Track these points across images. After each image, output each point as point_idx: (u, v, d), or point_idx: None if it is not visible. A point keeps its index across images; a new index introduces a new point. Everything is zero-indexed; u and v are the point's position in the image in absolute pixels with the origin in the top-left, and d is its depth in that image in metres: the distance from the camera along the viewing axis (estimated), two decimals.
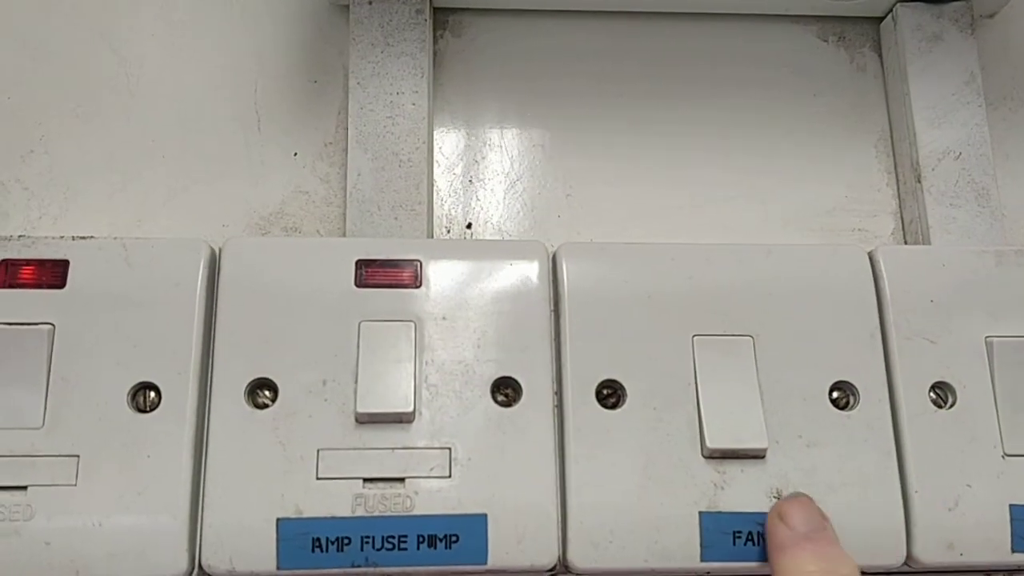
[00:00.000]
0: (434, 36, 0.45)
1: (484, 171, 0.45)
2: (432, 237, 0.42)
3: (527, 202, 0.44)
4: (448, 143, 0.45)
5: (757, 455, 0.35)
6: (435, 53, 0.45)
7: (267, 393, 0.35)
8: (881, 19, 0.47)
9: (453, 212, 0.44)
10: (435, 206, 0.44)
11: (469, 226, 0.44)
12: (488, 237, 0.44)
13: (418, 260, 0.37)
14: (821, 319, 0.37)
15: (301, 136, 0.44)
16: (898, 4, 0.46)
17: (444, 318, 0.36)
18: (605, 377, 0.36)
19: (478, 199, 0.44)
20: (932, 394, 0.37)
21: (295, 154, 0.44)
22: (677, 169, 0.45)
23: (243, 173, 0.43)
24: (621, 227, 0.44)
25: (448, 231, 0.44)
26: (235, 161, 0.43)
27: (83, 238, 0.36)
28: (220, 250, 0.37)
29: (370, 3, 0.43)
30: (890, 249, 0.39)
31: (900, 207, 0.45)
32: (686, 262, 0.38)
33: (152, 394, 0.35)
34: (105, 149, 0.43)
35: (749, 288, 0.37)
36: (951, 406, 0.37)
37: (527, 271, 0.37)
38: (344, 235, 0.42)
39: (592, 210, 0.44)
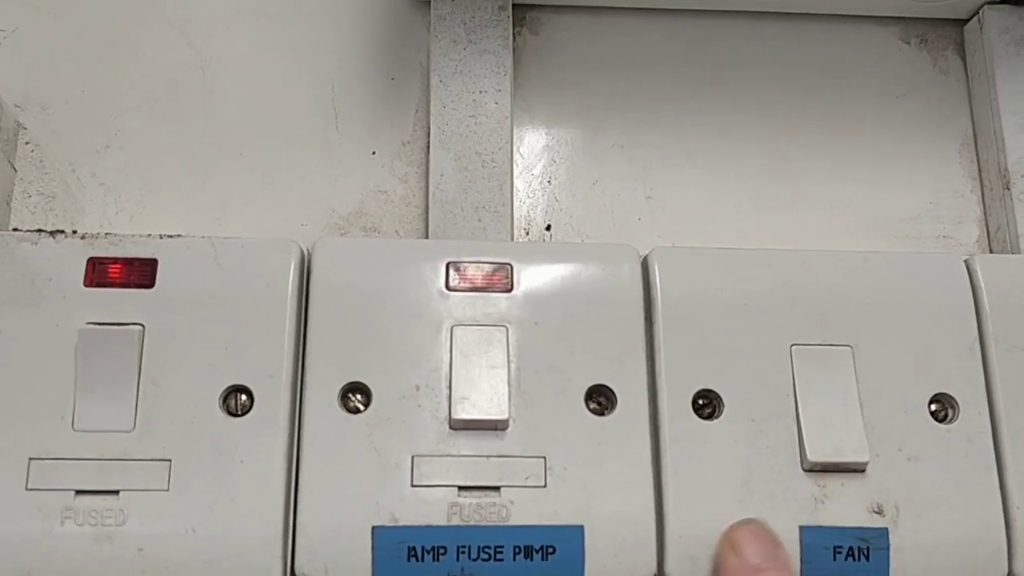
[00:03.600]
0: (512, 33, 0.44)
1: (563, 172, 0.44)
2: (513, 239, 0.42)
3: (607, 204, 0.44)
4: (527, 143, 0.44)
5: (858, 468, 0.35)
6: (513, 50, 0.44)
7: (360, 397, 0.35)
8: (964, 21, 0.46)
9: (532, 213, 0.43)
10: (514, 207, 0.43)
11: (548, 228, 0.43)
12: (568, 239, 0.43)
13: (509, 263, 0.36)
14: (919, 329, 0.37)
15: (379, 134, 0.43)
16: (985, 6, 0.45)
17: (536, 323, 0.36)
18: (701, 387, 0.35)
19: (557, 200, 0.43)
20: None
21: (373, 153, 0.43)
22: (758, 172, 0.44)
23: (321, 172, 0.43)
24: (701, 230, 0.43)
25: (527, 233, 0.43)
26: (313, 159, 0.43)
27: (171, 236, 0.36)
28: (309, 250, 0.36)
29: (452, 0, 0.42)
30: (987, 258, 0.38)
31: (985, 214, 0.45)
32: (783, 268, 0.37)
33: (244, 397, 0.34)
34: (182, 145, 0.42)
35: (847, 296, 0.37)
36: None
37: (619, 276, 0.37)
38: (425, 236, 0.41)
39: (672, 213, 0.44)
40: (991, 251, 0.44)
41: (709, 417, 0.35)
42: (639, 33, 0.45)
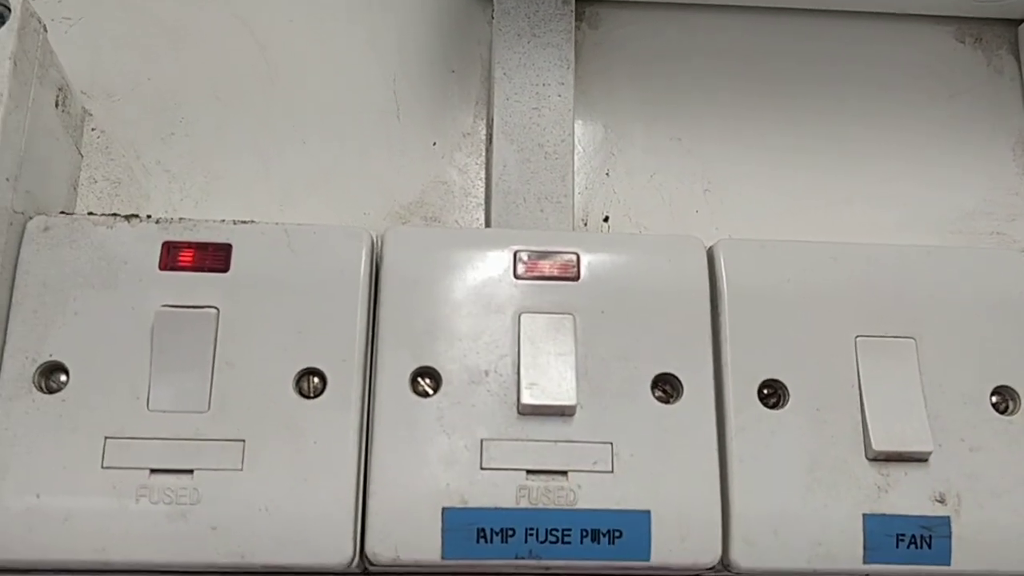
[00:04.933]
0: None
1: (621, 164, 0.44)
2: (573, 230, 0.42)
3: (664, 196, 0.44)
4: (586, 135, 0.44)
5: (921, 458, 0.35)
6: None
7: (429, 382, 0.35)
8: (1019, 21, 0.47)
9: (591, 205, 0.44)
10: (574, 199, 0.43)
11: (606, 219, 0.44)
12: (626, 231, 0.43)
13: (575, 252, 0.37)
14: (980, 322, 0.37)
15: (439, 126, 0.44)
16: None
17: (603, 312, 0.36)
18: (767, 376, 0.36)
19: (615, 192, 0.44)
20: None
21: (434, 144, 0.44)
22: (814, 169, 0.45)
23: (383, 161, 0.43)
24: (758, 224, 0.44)
25: (585, 224, 0.43)
26: (375, 149, 0.43)
27: (244, 222, 0.36)
28: (380, 238, 0.37)
29: None
30: None
31: None
32: (847, 262, 0.37)
33: (316, 380, 0.35)
34: (245, 134, 0.43)
35: (910, 289, 0.37)
36: None
37: (685, 266, 0.37)
38: (485, 226, 0.42)
39: (730, 206, 0.44)
40: None
41: (775, 406, 0.36)
42: (696, 28, 0.46)
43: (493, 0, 0.43)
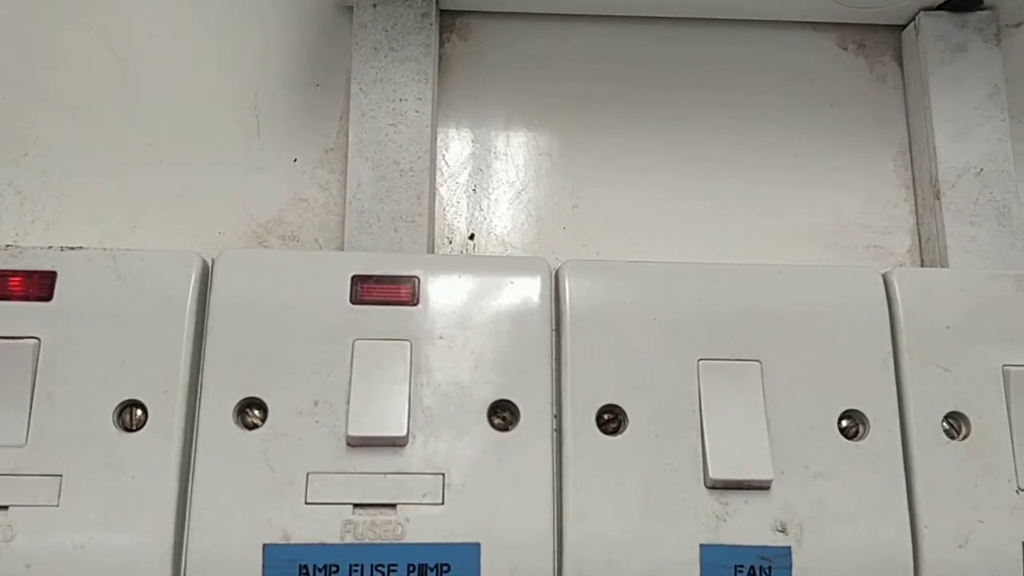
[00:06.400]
0: (440, 39, 0.44)
1: (488, 180, 0.43)
2: (433, 248, 0.41)
3: (532, 213, 0.43)
4: (453, 150, 0.43)
5: (761, 486, 0.34)
6: (440, 57, 0.44)
7: (257, 413, 0.34)
8: (903, 27, 0.46)
9: (455, 222, 0.43)
10: (437, 216, 0.42)
11: (472, 237, 0.43)
12: (491, 248, 0.42)
13: (416, 276, 0.36)
14: (832, 344, 0.36)
15: (302, 141, 0.43)
16: (920, 12, 0.44)
17: (441, 337, 0.35)
18: (606, 401, 0.35)
19: (481, 209, 0.43)
20: (945, 424, 0.36)
21: (295, 160, 0.43)
22: (688, 180, 0.44)
23: (241, 179, 0.42)
24: (629, 239, 0.43)
25: (450, 242, 0.42)
26: (233, 166, 0.42)
27: (72, 248, 0.35)
28: (213, 262, 0.36)
29: (374, 6, 0.41)
30: (905, 272, 0.38)
31: (918, 224, 0.44)
32: (694, 282, 0.36)
33: (139, 412, 0.34)
34: (101, 152, 0.42)
35: (758, 310, 0.36)
36: (964, 437, 0.35)
37: (528, 289, 0.36)
38: (343, 246, 0.41)
39: (599, 222, 0.43)
40: (922, 261, 0.43)
41: (614, 432, 0.35)
42: (571, 39, 0.45)
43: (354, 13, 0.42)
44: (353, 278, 0.36)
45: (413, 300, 0.36)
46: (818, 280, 0.37)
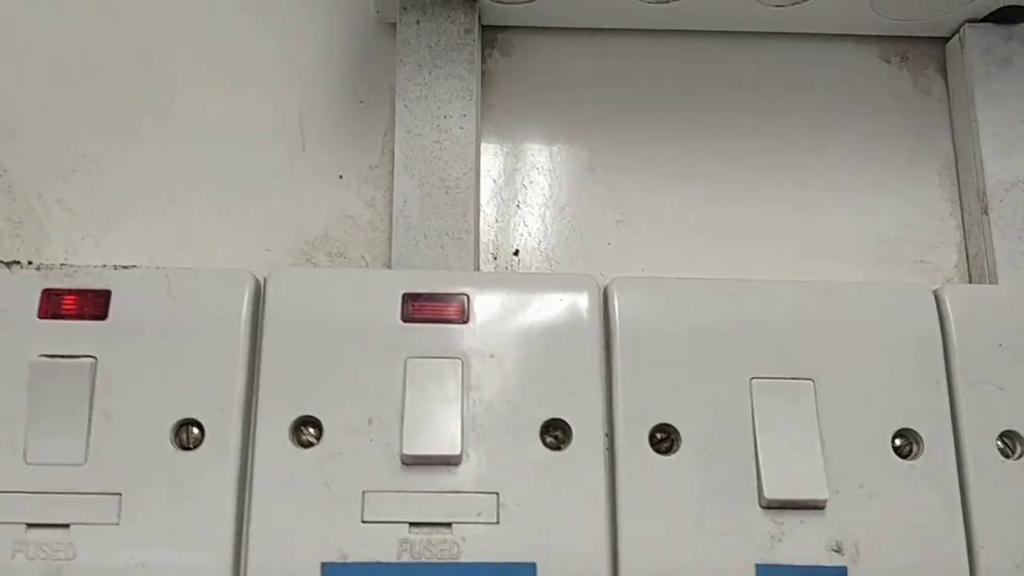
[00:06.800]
0: (482, 55, 0.44)
1: (532, 195, 0.43)
2: (478, 265, 0.41)
3: (576, 228, 0.43)
4: (496, 166, 0.44)
5: (816, 506, 0.34)
6: (483, 72, 0.44)
7: (312, 431, 0.34)
8: (947, 39, 0.45)
9: (500, 238, 0.43)
10: (481, 232, 0.42)
11: (516, 253, 0.43)
12: (535, 264, 0.42)
13: (466, 294, 0.36)
14: (884, 362, 0.36)
15: (346, 158, 0.43)
16: (965, 24, 0.44)
17: (492, 355, 0.35)
18: (659, 421, 0.35)
19: (526, 225, 0.43)
20: (1000, 443, 0.35)
21: (340, 176, 0.43)
22: (732, 193, 0.44)
23: (288, 196, 0.42)
24: (673, 255, 0.43)
25: (495, 258, 0.42)
26: (279, 183, 0.42)
27: (125, 267, 0.36)
28: (264, 281, 0.36)
29: (418, 23, 0.41)
30: (956, 288, 0.37)
31: (964, 239, 0.44)
32: (745, 300, 0.36)
33: (195, 431, 0.34)
34: (148, 170, 0.42)
35: (810, 328, 0.36)
36: (1020, 456, 0.35)
37: (578, 306, 0.36)
38: (390, 262, 0.41)
39: (643, 237, 0.43)
40: (969, 277, 0.43)
41: (666, 452, 0.35)
42: (612, 54, 0.45)
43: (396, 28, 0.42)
44: (404, 296, 0.36)
45: (463, 318, 0.36)
46: (869, 297, 0.37)
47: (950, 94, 0.45)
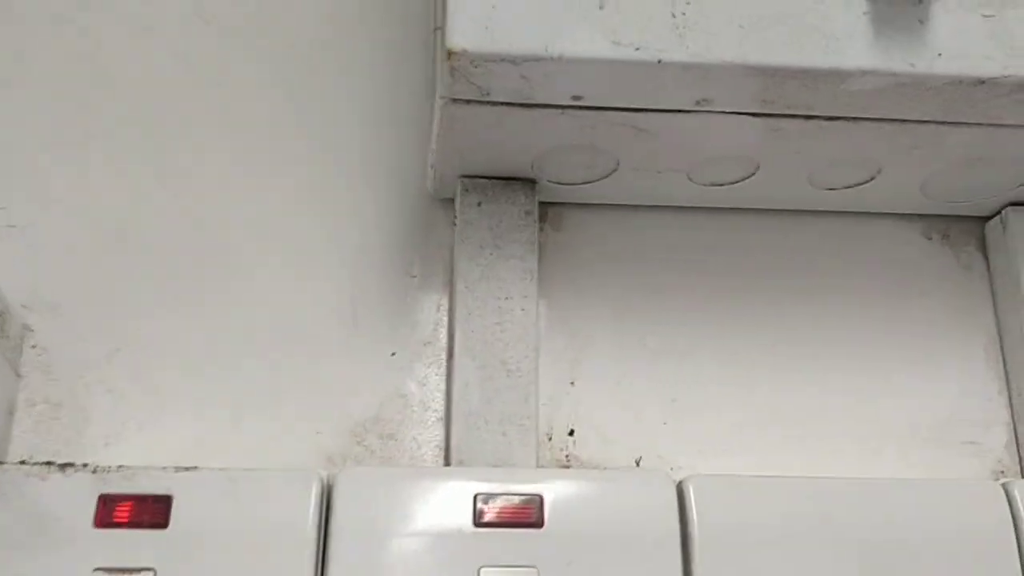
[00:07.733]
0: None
1: (586, 371, 0.43)
2: (537, 449, 0.40)
3: (630, 405, 0.42)
4: (549, 341, 0.43)
5: None
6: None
7: None
8: (987, 219, 0.46)
9: (555, 417, 0.42)
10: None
11: (571, 433, 0.42)
12: (591, 443, 0.42)
13: (539, 495, 0.35)
14: (960, 561, 0.35)
15: (398, 334, 0.42)
16: (1008, 207, 0.45)
17: (569, 563, 0.34)
18: None
19: (580, 403, 0.42)
20: None
21: (393, 354, 0.42)
22: (782, 372, 0.44)
23: (339, 373, 0.41)
24: (726, 435, 0.42)
25: (550, 439, 0.42)
26: (331, 360, 0.41)
27: (187, 469, 0.34)
28: (332, 481, 0.35)
29: (479, 204, 0.41)
30: None
31: (1013, 418, 0.44)
32: (821, 499, 0.36)
33: None
34: (196, 349, 0.41)
35: (885, 527, 0.36)
36: None
37: (654, 508, 0.35)
38: (444, 445, 0.40)
39: (698, 415, 0.42)
40: (1020, 457, 0.43)
41: None
42: (663, 228, 0.45)
43: (455, 206, 0.42)
44: (475, 496, 0.35)
45: (538, 521, 0.35)
46: (940, 495, 0.37)
47: (991, 271, 0.46)
